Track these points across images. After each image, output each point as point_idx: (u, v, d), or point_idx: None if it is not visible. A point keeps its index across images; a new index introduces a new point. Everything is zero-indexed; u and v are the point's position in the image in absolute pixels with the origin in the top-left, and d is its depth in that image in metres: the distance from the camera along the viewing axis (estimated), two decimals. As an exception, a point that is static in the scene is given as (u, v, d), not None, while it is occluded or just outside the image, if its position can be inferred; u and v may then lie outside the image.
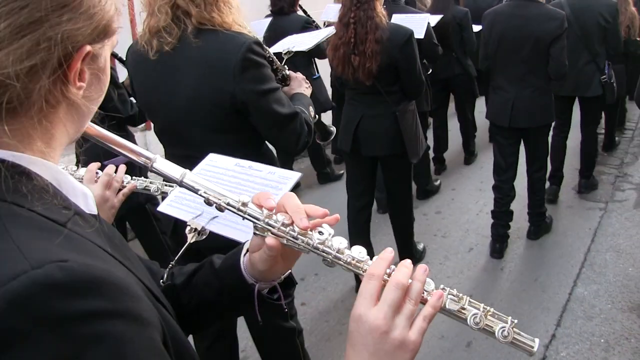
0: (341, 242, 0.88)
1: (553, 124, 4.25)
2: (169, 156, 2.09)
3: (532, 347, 0.84)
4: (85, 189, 0.77)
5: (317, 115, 2.30)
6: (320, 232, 0.87)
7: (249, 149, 2.02)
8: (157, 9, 1.89)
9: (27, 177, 0.66)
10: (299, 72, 2.33)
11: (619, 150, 6.22)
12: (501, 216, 4.16)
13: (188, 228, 1.32)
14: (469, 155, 6.04)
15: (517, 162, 4.16)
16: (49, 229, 0.63)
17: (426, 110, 4.74)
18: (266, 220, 0.88)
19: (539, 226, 4.37)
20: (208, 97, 1.93)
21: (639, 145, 6.45)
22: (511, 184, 4.15)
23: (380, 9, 3.18)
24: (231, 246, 1.07)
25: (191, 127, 2.02)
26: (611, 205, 4.95)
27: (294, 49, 2.55)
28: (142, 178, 1.70)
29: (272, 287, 1.02)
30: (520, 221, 4.41)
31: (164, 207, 1.53)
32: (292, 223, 0.87)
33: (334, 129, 2.59)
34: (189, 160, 1.47)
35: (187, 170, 0.91)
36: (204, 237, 1.31)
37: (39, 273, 0.55)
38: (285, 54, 2.44)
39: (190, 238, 1.30)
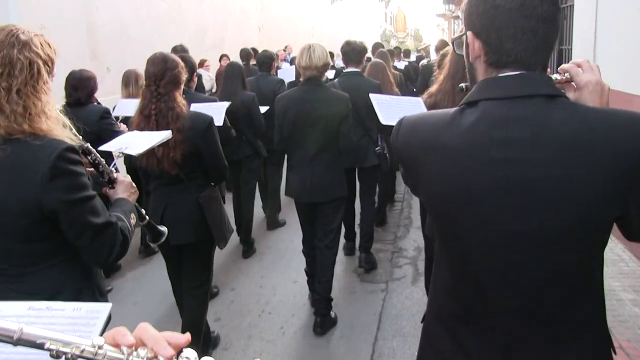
0: None
1: None
2: None
3: None
4: None
5: (147, 217, 2.28)
6: (187, 358, 0.83)
7: (62, 256, 1.94)
8: None
9: None
10: (127, 176, 2.26)
11: (391, 225, 6.37)
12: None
13: None
14: (248, 247, 5.63)
15: None
16: None
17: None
18: (129, 358, 0.81)
19: (325, 316, 4.07)
20: (14, 206, 1.83)
21: (408, 217, 6.72)
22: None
23: (180, 99, 3.22)
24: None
25: None
26: (391, 285, 4.90)
27: (126, 151, 2.57)
28: None
29: None
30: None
31: None
32: (156, 355, 0.82)
33: (164, 229, 2.47)
34: None
35: (23, 324, 0.78)
36: None
37: None
38: (117, 155, 2.47)
39: None
